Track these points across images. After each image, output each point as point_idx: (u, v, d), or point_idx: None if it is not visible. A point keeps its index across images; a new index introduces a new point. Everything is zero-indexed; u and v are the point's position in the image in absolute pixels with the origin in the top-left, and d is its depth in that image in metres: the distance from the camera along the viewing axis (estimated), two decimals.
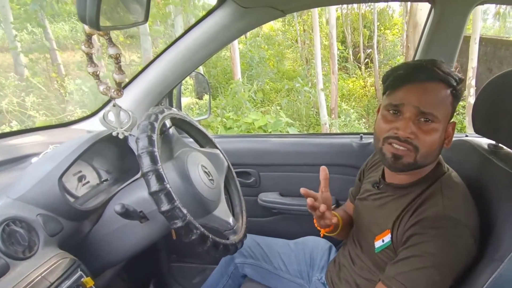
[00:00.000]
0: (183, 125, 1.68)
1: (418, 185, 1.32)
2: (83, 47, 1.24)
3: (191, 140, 1.79)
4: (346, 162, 2.13)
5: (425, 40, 1.93)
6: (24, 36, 10.40)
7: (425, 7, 7.51)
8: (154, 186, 1.16)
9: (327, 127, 8.75)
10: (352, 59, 14.22)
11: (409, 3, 10.37)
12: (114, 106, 1.40)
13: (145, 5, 1.17)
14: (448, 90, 1.23)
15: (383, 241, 1.33)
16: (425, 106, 1.21)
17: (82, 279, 1.17)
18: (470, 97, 7.91)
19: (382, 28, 15.29)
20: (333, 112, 9.64)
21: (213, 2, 1.81)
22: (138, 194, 1.40)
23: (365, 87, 12.83)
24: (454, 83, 1.24)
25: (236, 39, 3.73)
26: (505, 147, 1.44)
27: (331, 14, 9.73)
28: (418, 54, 1.97)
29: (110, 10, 1.11)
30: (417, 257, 1.16)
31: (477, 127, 1.43)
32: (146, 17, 1.17)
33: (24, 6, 8.34)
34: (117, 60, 1.27)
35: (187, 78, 2.09)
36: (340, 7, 14.96)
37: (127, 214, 1.26)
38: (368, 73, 13.95)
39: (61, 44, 12.59)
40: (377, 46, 13.04)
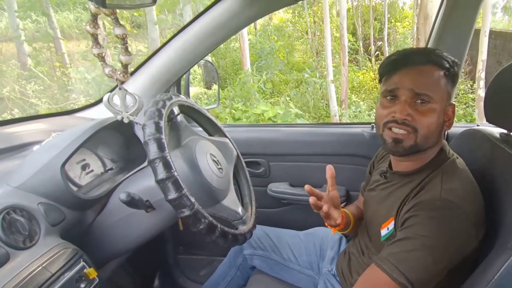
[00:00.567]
0: (192, 112, 1.64)
1: (422, 171, 1.34)
2: (88, 27, 1.20)
3: (200, 129, 1.75)
4: (357, 152, 2.11)
5: (437, 30, 1.92)
6: (28, 25, 10.43)
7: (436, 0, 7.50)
8: (161, 174, 1.13)
9: (337, 119, 8.74)
10: (362, 51, 14.16)
11: None
12: (120, 89, 1.36)
13: None
14: (441, 72, 1.27)
15: (388, 229, 1.34)
16: (419, 88, 1.24)
17: (85, 270, 1.15)
18: (480, 89, 7.92)
19: (393, 20, 15.22)
20: (343, 103, 9.62)
21: None
22: (144, 182, 1.37)
23: (375, 79, 12.77)
24: (447, 65, 1.27)
25: (245, 27, 3.71)
26: None
27: (342, 5, 9.69)
28: (430, 45, 1.96)
29: None
30: (409, 239, 1.16)
31: (489, 117, 1.44)
32: None
33: None
34: (123, 41, 1.22)
35: (196, 67, 2.06)
36: None
37: (132, 203, 1.23)
38: (378, 65, 13.87)
39: (65, 33, 12.62)
40: (387, 39, 13.02)
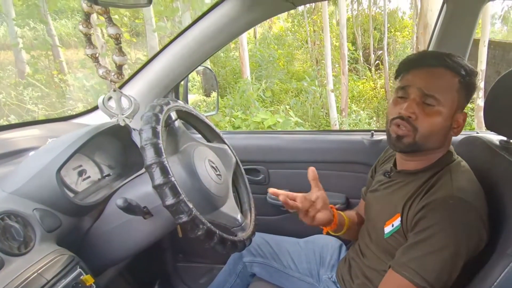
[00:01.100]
0: (190, 118, 1.62)
1: (428, 171, 1.35)
2: (81, 27, 1.19)
3: (199, 135, 1.73)
4: (357, 159, 2.11)
5: (436, 36, 1.94)
6: (26, 32, 10.46)
7: (435, 9, 7.54)
8: (158, 179, 1.11)
9: (337, 127, 8.76)
10: (362, 61, 14.21)
11: (419, 5, 10.38)
12: (114, 91, 1.34)
13: None
14: (455, 78, 1.27)
15: (393, 225, 1.35)
16: (428, 89, 1.26)
17: (81, 277, 1.13)
18: (479, 99, 7.93)
19: (392, 30, 15.31)
20: (343, 112, 9.64)
21: None
22: (141, 189, 1.35)
23: (375, 89, 12.83)
24: (462, 72, 1.27)
25: (244, 32, 3.73)
26: None
27: (342, 14, 9.74)
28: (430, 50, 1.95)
29: None
30: (427, 240, 1.17)
31: (488, 124, 1.45)
32: None
33: (26, 1, 8.36)
34: (117, 41, 1.22)
35: (195, 75, 2.05)
36: (350, 9, 14.98)
37: (130, 209, 1.21)
38: (378, 75, 13.95)
39: (64, 41, 12.68)
40: (387, 48, 13.04)
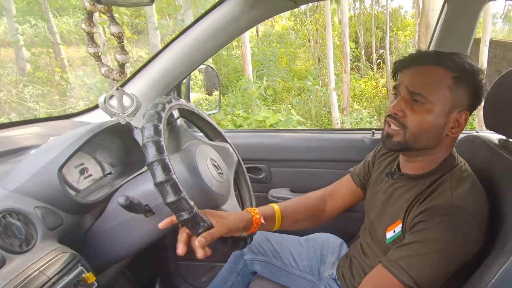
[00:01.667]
0: (192, 117, 1.62)
1: (430, 175, 1.33)
2: (84, 26, 1.19)
3: (201, 134, 1.73)
4: (357, 158, 2.10)
5: (438, 35, 1.95)
6: (27, 30, 10.44)
7: (437, 8, 7.54)
8: (160, 177, 1.10)
9: (339, 126, 8.76)
10: (364, 60, 14.21)
11: (421, 4, 10.38)
12: (117, 89, 1.35)
13: None
14: (448, 75, 1.23)
15: (394, 231, 1.34)
16: (414, 87, 1.24)
17: (83, 275, 1.13)
18: None
19: (395, 29, 15.33)
20: (344, 111, 9.64)
21: None
22: (143, 187, 1.35)
23: (377, 88, 12.84)
24: (458, 69, 1.23)
25: (247, 31, 3.73)
26: None
27: (344, 13, 9.75)
28: (431, 49, 1.95)
29: None
30: (420, 242, 1.17)
31: (488, 123, 1.43)
32: None
33: None
34: (119, 39, 1.22)
35: (196, 73, 2.06)
36: (352, 7, 14.98)
37: (131, 206, 1.21)
38: (380, 73, 13.95)
39: (65, 39, 12.68)
40: (389, 47, 13.04)
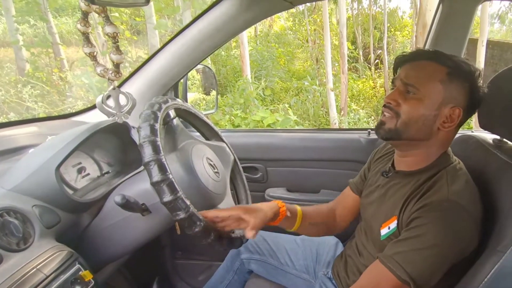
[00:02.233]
0: (188, 116, 1.64)
1: (425, 172, 1.34)
2: (79, 26, 1.20)
3: (197, 133, 1.75)
4: (353, 158, 2.13)
5: (433, 35, 1.96)
6: (26, 30, 10.43)
7: (434, 8, 7.53)
8: (156, 176, 1.12)
9: (337, 126, 8.77)
10: (362, 60, 14.21)
11: (418, 4, 10.39)
12: (114, 89, 1.36)
13: None
14: (441, 70, 1.27)
15: (389, 228, 1.35)
16: (408, 79, 1.29)
17: (80, 272, 1.14)
18: None
19: (392, 29, 15.32)
20: (342, 111, 9.66)
21: None
22: (140, 186, 1.37)
23: (374, 88, 12.84)
24: (450, 64, 1.26)
25: (243, 31, 3.75)
26: (509, 142, 1.48)
27: (342, 13, 9.74)
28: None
29: None
30: (416, 238, 1.18)
31: (482, 123, 1.45)
32: None
33: None
34: (114, 39, 1.23)
35: (195, 73, 2.07)
36: (350, 8, 14.97)
37: (128, 205, 1.22)
38: (378, 74, 13.95)
39: (65, 39, 12.67)
40: (387, 47, 13.05)
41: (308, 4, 13.11)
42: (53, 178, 1.22)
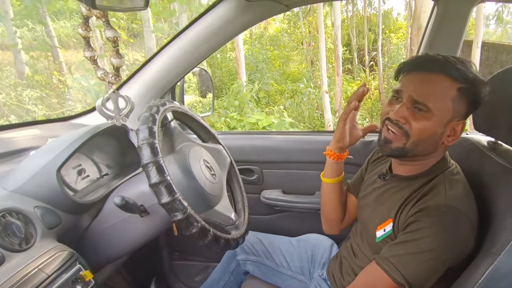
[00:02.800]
0: (185, 119, 1.65)
1: (422, 177, 1.34)
2: (80, 30, 1.22)
3: (194, 136, 1.76)
4: (348, 160, 2.12)
5: (427, 37, 1.94)
6: (25, 33, 10.41)
7: (429, 10, 7.53)
8: (154, 178, 1.14)
9: (331, 128, 8.77)
10: (357, 62, 14.21)
11: (413, 5, 10.40)
12: (114, 92, 1.38)
13: None
14: (454, 86, 1.21)
15: (384, 230, 1.35)
16: (418, 96, 1.22)
17: (81, 272, 1.15)
18: None
19: (387, 31, 15.34)
20: (337, 113, 9.66)
21: None
22: (138, 187, 1.38)
23: (369, 90, 12.81)
24: (464, 80, 1.20)
25: (240, 34, 3.74)
26: (504, 144, 1.47)
27: (336, 15, 9.75)
28: (421, 52, 1.96)
29: None
30: (413, 241, 1.18)
31: (477, 125, 1.45)
32: (146, 2, 1.15)
33: (24, 1, 8.32)
34: (114, 43, 1.25)
35: (191, 76, 2.07)
36: (345, 10, 15.00)
37: (127, 207, 1.24)
38: (372, 76, 13.96)
39: (63, 42, 12.65)
40: (381, 49, 13.05)
41: (303, 6, 13.14)
42: (54, 180, 1.23)
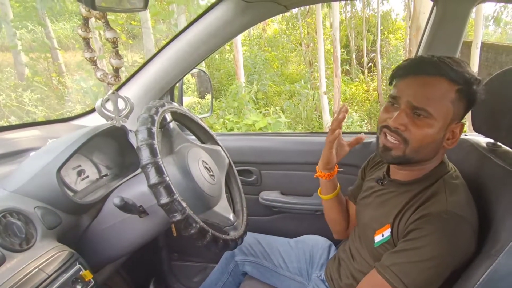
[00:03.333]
0: (184, 120, 1.66)
1: (421, 182, 1.32)
2: (80, 31, 1.23)
3: (193, 137, 1.77)
4: (346, 161, 2.11)
5: (427, 38, 1.92)
6: (24, 34, 10.41)
7: (428, 11, 7.52)
8: (153, 179, 1.15)
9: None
10: (355, 63, 14.21)
11: (412, 6, 10.40)
12: (113, 93, 1.38)
13: None
14: (453, 88, 1.19)
15: (383, 235, 1.33)
16: (417, 101, 1.20)
17: (81, 272, 1.16)
18: None
19: (386, 32, 15.32)
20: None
21: None
22: (137, 188, 1.39)
23: (367, 91, 12.83)
24: (462, 82, 1.18)
25: (238, 35, 3.75)
26: (503, 146, 1.45)
27: (335, 16, 9.74)
28: (420, 53, 1.96)
29: None
30: (415, 249, 1.16)
31: (476, 126, 1.43)
32: (146, 3, 1.15)
33: (23, 3, 8.32)
34: (114, 44, 1.26)
35: (190, 77, 2.08)
36: (344, 11, 14.99)
37: (126, 207, 1.24)
38: (371, 77, 13.95)
39: (62, 44, 12.66)
40: (380, 50, 13.05)
41: (302, 7, 13.13)
42: (54, 181, 1.24)
